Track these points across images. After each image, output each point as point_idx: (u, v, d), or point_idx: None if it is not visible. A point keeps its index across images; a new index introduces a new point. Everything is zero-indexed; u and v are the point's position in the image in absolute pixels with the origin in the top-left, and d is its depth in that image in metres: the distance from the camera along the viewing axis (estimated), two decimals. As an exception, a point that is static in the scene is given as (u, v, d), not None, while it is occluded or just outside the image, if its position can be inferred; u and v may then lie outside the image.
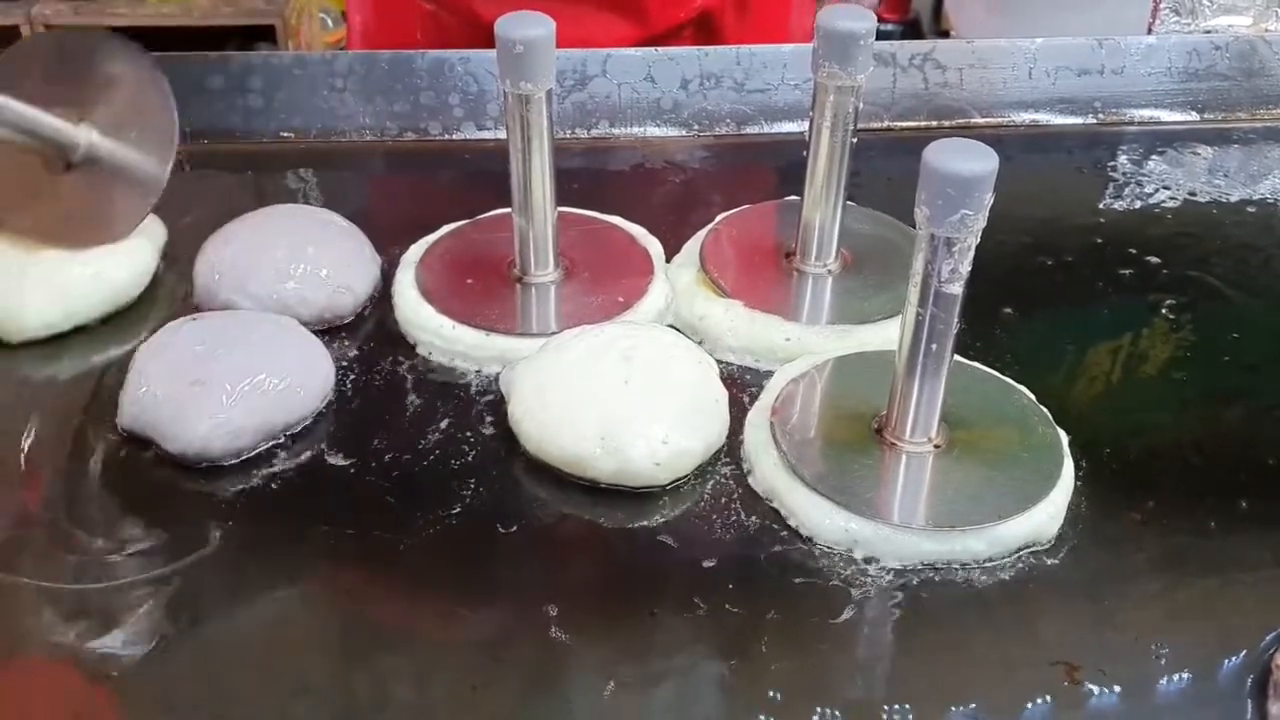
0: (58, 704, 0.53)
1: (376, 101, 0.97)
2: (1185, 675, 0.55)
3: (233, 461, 0.64)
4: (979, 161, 0.53)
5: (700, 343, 0.73)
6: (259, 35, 2.38)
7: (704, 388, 0.67)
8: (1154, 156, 0.98)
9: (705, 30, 1.07)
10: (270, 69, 0.97)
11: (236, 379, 0.64)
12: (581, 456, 0.63)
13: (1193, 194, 0.93)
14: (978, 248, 0.56)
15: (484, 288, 0.75)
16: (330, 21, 2.72)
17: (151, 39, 0.82)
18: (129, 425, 0.65)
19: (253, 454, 0.65)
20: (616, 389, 0.65)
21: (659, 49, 0.99)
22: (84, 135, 0.75)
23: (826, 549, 0.60)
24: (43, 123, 0.73)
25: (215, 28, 2.31)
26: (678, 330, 0.74)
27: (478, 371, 0.71)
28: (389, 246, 0.79)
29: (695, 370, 0.67)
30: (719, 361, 0.71)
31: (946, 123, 1.01)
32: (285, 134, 0.97)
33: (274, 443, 0.65)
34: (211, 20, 2.31)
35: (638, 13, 1.03)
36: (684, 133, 0.99)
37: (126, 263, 0.75)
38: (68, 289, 0.72)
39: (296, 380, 0.66)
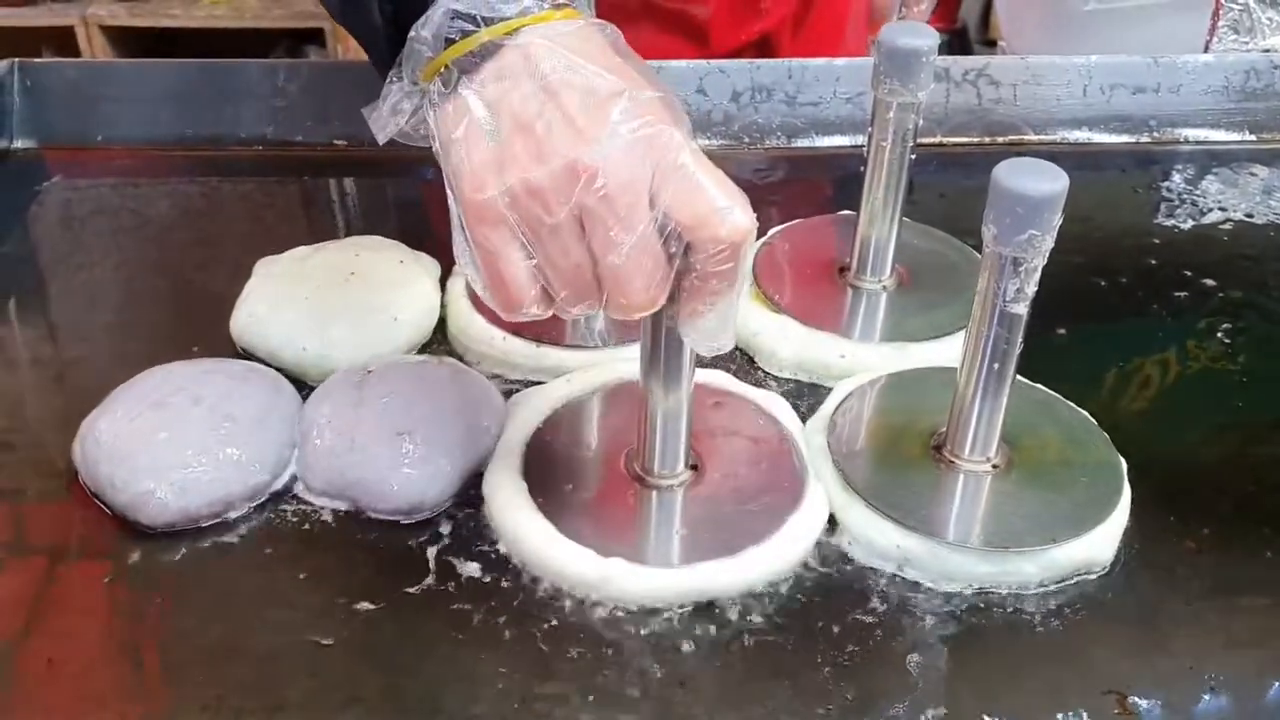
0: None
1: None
2: (1240, 704, 0.54)
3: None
4: (1048, 182, 0.53)
5: (753, 358, 0.73)
6: (308, 38, 2.40)
7: None
8: (1208, 176, 0.97)
9: (763, 51, 1.07)
10: (325, 74, 0.98)
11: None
12: None
13: (1249, 215, 0.92)
14: (1032, 268, 0.56)
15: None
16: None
17: (202, 40, 0.83)
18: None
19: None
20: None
21: (710, 61, 0.99)
22: None
23: (875, 567, 0.60)
24: None
25: (265, 30, 2.33)
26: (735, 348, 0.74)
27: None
28: (443, 256, 0.80)
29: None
30: (771, 377, 0.72)
31: (999, 139, 1.01)
32: (339, 141, 0.98)
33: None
34: (262, 23, 2.33)
35: (700, 35, 1.03)
36: (734, 145, 0.99)
37: (423, 305, 0.75)
38: (371, 336, 0.72)
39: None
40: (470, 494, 0.63)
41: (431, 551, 0.61)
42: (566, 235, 0.49)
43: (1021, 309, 0.57)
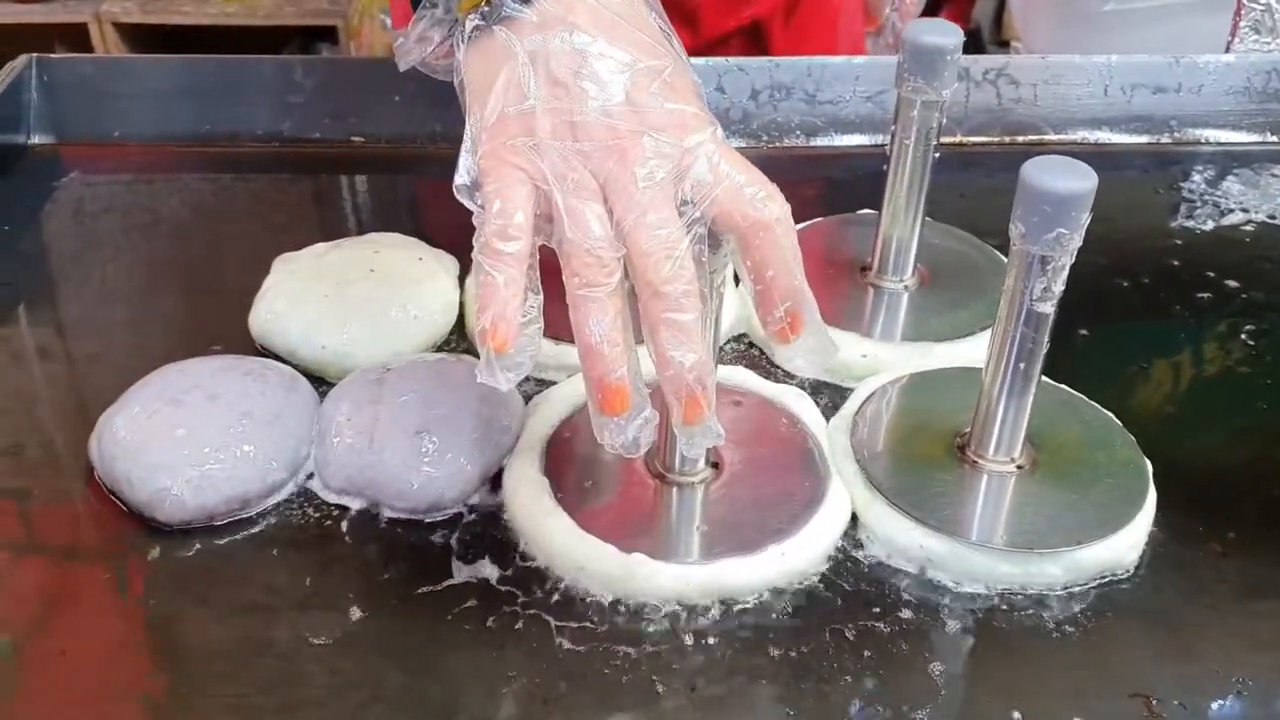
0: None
1: (452, 107, 0.97)
2: (1267, 708, 0.54)
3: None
4: (1077, 180, 0.52)
5: (774, 357, 0.73)
6: (320, 36, 2.40)
7: None
8: (1230, 177, 0.96)
9: (754, 38, 1.07)
10: (341, 71, 0.98)
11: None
12: None
13: (1272, 216, 0.91)
14: (1056, 268, 0.55)
15: (555, 297, 0.75)
16: (389, 22, 2.73)
17: (215, 38, 0.83)
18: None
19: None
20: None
21: (730, 59, 0.99)
22: None
23: (897, 567, 0.60)
24: None
25: (277, 28, 2.33)
26: (751, 344, 0.74)
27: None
28: (462, 255, 0.79)
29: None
30: (792, 377, 0.71)
31: (1019, 138, 1.00)
32: (355, 138, 0.97)
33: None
34: (274, 20, 2.33)
35: (690, 20, 1.02)
36: (753, 144, 0.99)
37: (441, 302, 0.75)
38: (390, 334, 0.72)
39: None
40: (490, 492, 0.63)
41: (451, 550, 0.60)
42: (589, 194, 0.49)
43: (1048, 308, 0.56)
